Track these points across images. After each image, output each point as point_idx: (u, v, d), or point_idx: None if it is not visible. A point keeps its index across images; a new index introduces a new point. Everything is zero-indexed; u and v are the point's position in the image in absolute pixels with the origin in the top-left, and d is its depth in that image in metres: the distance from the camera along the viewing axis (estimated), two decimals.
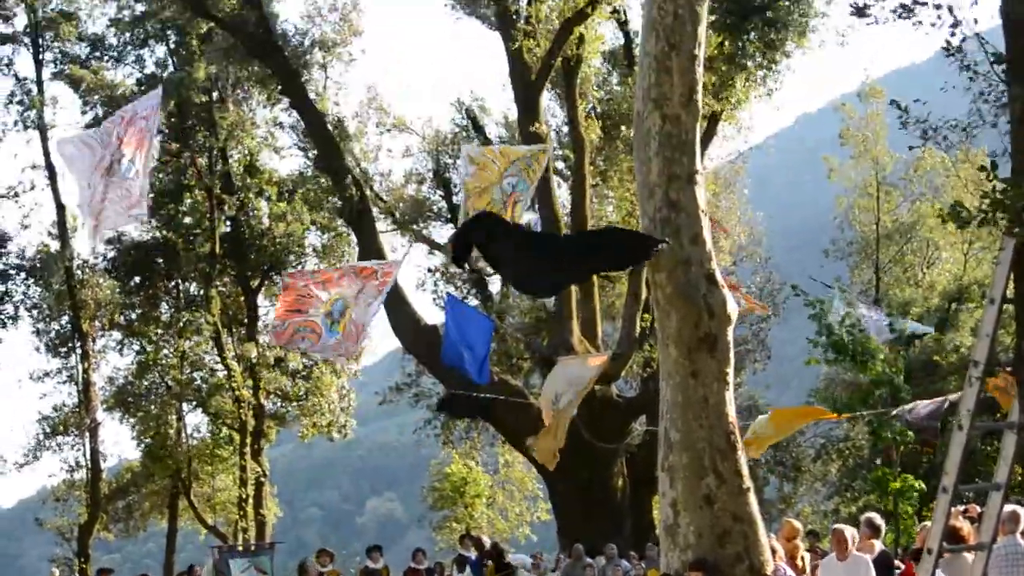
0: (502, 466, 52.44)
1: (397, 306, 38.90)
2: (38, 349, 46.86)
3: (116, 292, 46.82)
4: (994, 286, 10.36)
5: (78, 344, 46.23)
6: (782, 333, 54.49)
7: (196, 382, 48.36)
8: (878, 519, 18.10)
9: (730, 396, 17.09)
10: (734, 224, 48.89)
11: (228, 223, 48.64)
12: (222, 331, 47.17)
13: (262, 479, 47.02)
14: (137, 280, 47.93)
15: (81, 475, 46.18)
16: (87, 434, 45.83)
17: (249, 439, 46.20)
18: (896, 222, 51.67)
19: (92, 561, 44.00)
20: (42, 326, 46.80)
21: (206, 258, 47.00)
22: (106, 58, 48.83)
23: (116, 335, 48.32)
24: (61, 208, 45.88)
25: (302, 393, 48.97)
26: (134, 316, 47.60)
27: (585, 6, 36.99)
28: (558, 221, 39.48)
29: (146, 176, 15.95)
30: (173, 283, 48.83)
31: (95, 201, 15.66)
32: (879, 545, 17.85)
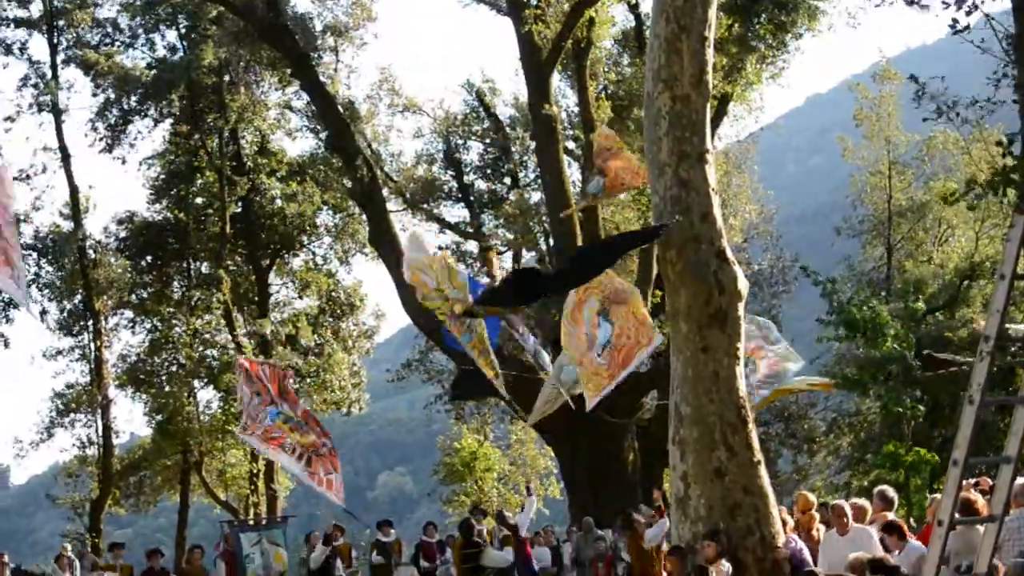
0: (514, 442, 52.57)
1: (407, 283, 38.96)
2: (50, 328, 47.09)
3: (128, 271, 46.97)
4: (1005, 262, 10.37)
5: (90, 323, 46.39)
6: (792, 310, 54.45)
7: (207, 359, 48.46)
8: (891, 492, 18.18)
9: (740, 371, 17.22)
10: (745, 203, 48.88)
11: (239, 203, 48.74)
12: (233, 309, 47.27)
13: None
14: (149, 259, 48.09)
15: (93, 451, 46.40)
16: (99, 411, 46.01)
17: None
18: (909, 200, 51.57)
19: (104, 536, 44.21)
20: (54, 305, 47.05)
21: (217, 238, 47.13)
22: (117, 42, 48.91)
23: (128, 313, 48.51)
24: (74, 189, 46.01)
25: (313, 370, 49.07)
26: (146, 295, 47.75)
27: None
28: (569, 201, 39.49)
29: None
30: (184, 262, 48.95)
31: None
32: (891, 518, 17.92)
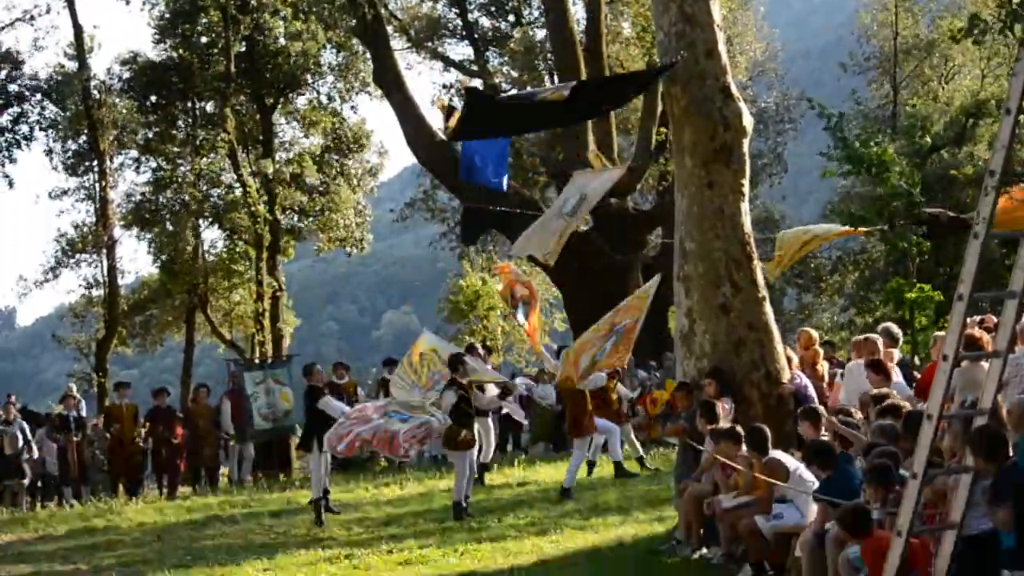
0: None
1: (412, 121, 38.79)
2: (55, 168, 47.04)
3: (132, 111, 46.73)
4: (1010, 97, 10.30)
5: (95, 163, 46.27)
6: (799, 147, 54.29)
7: (212, 199, 48.43)
8: (896, 329, 18.27)
9: (745, 207, 17.19)
10: (750, 40, 48.46)
11: (243, 42, 48.30)
12: (238, 148, 47.09)
13: (278, 293, 47.33)
14: (153, 99, 47.79)
15: (99, 292, 46.54)
16: (104, 251, 46.06)
17: (265, 254, 46.38)
18: (915, 37, 51.09)
19: (110, 376, 44.46)
20: (58, 146, 46.91)
21: (221, 77, 46.77)
22: None
23: (133, 153, 48.38)
24: (78, 29, 45.58)
25: (318, 209, 49.05)
26: (150, 134, 47.55)
27: None
28: (573, 38, 39.13)
29: None
30: (189, 102, 48.65)
31: None
32: (897, 354, 18.01)
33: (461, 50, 48.74)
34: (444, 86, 48.82)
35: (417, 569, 16.38)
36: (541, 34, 45.16)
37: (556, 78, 41.71)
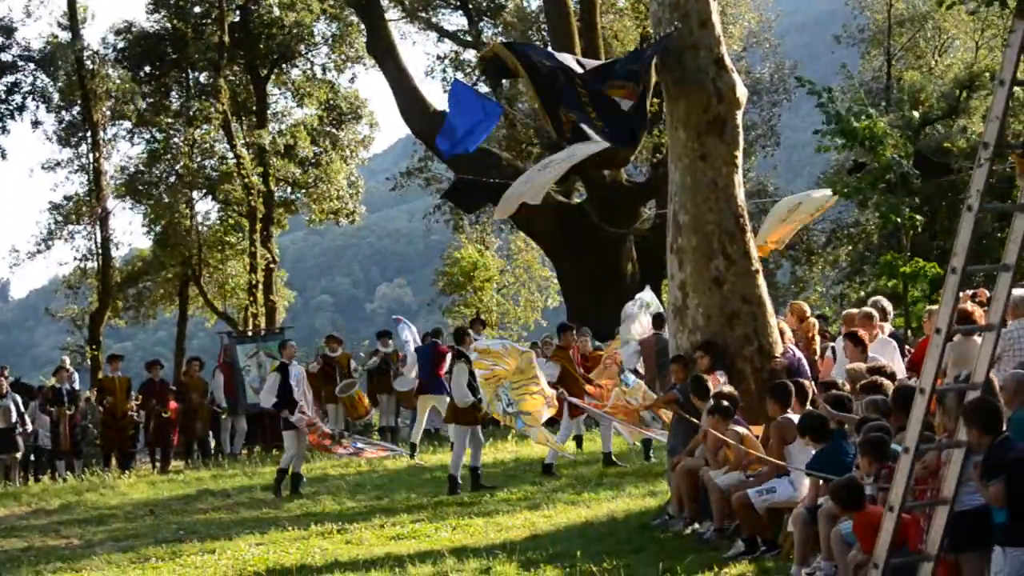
0: (515, 251, 52.61)
1: (406, 92, 38.68)
2: (49, 139, 46.93)
3: (126, 82, 46.58)
4: (1004, 69, 10.24)
5: (88, 134, 46.15)
6: (793, 120, 54.24)
7: (206, 170, 48.33)
8: (886, 302, 18.20)
9: (739, 179, 17.14)
10: (744, 11, 48.28)
11: (237, 12, 48.20)
12: (232, 119, 47.03)
13: (272, 265, 47.31)
14: (147, 70, 47.72)
15: (92, 264, 46.46)
16: (98, 223, 45.99)
17: (258, 226, 46.35)
18: (910, 8, 50.93)
19: (103, 348, 44.44)
20: (51, 116, 46.83)
21: (215, 47, 46.66)
22: None
23: (127, 124, 48.28)
24: None
25: (311, 180, 48.99)
26: (144, 105, 47.40)
27: None
28: (567, 8, 38.96)
29: None
30: (183, 72, 48.57)
31: None
32: (888, 328, 17.96)
33: (455, 20, 48.59)
34: (438, 57, 48.67)
35: (409, 544, 16.35)
36: (535, 4, 45.02)
37: (550, 49, 41.56)
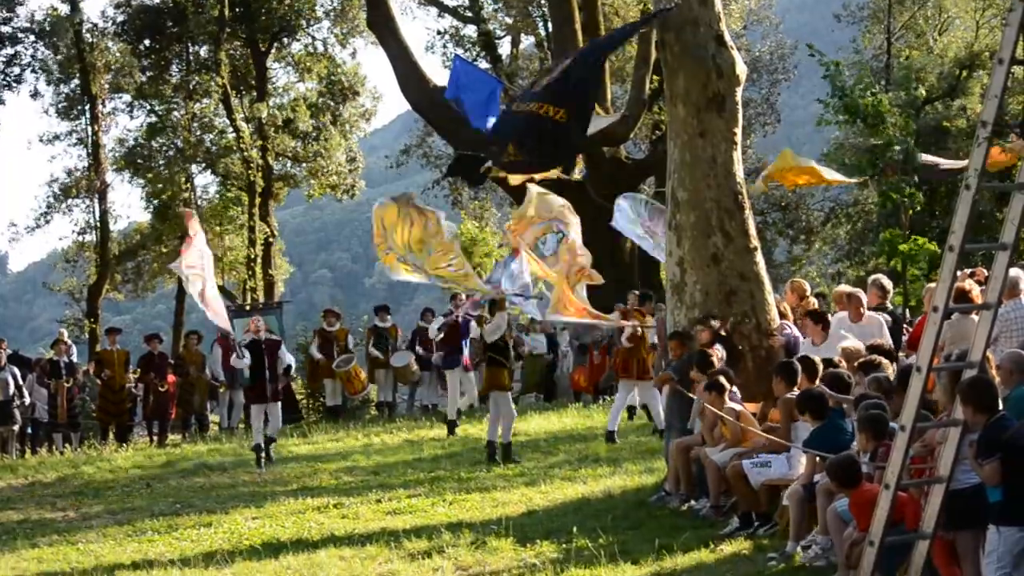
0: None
1: (406, 66, 38.57)
2: (47, 112, 46.91)
3: (126, 55, 46.52)
4: (1003, 47, 10.21)
5: (88, 107, 46.12)
6: (792, 98, 54.16)
7: (205, 144, 48.29)
8: (886, 280, 18.18)
9: (738, 156, 17.11)
10: None
11: None
12: (231, 93, 46.99)
13: (271, 239, 47.29)
14: (147, 43, 47.64)
15: (91, 237, 46.47)
16: (97, 196, 45.98)
17: (257, 200, 46.33)
18: None
19: (101, 322, 44.46)
20: (50, 89, 46.79)
21: (216, 21, 46.57)
22: None
23: (126, 98, 48.27)
24: None
25: (311, 155, 48.95)
26: (144, 79, 47.35)
27: None
28: None
29: None
30: (183, 46, 48.47)
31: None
32: (888, 306, 17.95)
33: None
34: (438, 32, 48.56)
35: (406, 518, 16.36)
36: None
37: (550, 25, 41.54)
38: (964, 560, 9.91)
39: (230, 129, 47.15)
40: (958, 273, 10.78)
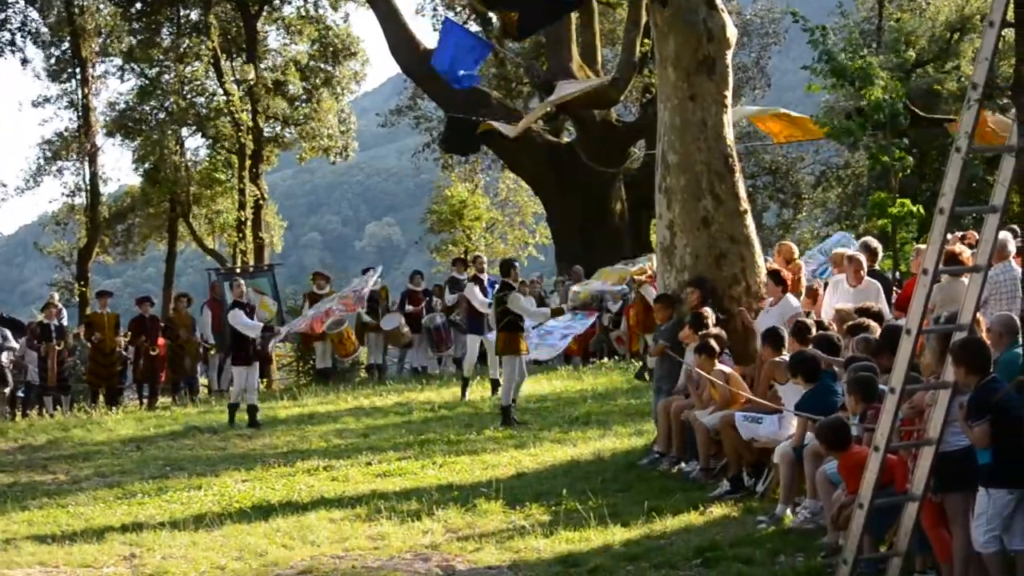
0: (504, 191, 52.55)
1: (396, 29, 38.43)
2: (38, 76, 46.81)
3: (116, 18, 46.35)
4: (993, 9, 10.18)
5: (78, 70, 45.99)
6: (783, 63, 54.04)
7: (196, 107, 48.20)
8: (875, 242, 18.16)
9: (728, 119, 17.10)
10: None
11: None
12: (222, 56, 46.87)
13: (261, 202, 47.21)
14: (138, 7, 47.44)
15: (81, 200, 46.41)
16: (87, 159, 45.92)
17: (248, 162, 46.25)
18: None
19: (92, 285, 44.39)
20: (41, 52, 46.68)
21: None
22: None
23: (117, 61, 48.14)
24: None
25: (301, 117, 48.86)
26: (134, 42, 47.18)
27: None
28: None
29: None
30: (173, 9, 48.24)
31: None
32: (876, 268, 17.94)
33: None
34: None
35: (395, 481, 16.38)
36: None
37: None
38: (953, 522, 9.91)
39: (220, 92, 47.03)
40: (949, 236, 10.77)
